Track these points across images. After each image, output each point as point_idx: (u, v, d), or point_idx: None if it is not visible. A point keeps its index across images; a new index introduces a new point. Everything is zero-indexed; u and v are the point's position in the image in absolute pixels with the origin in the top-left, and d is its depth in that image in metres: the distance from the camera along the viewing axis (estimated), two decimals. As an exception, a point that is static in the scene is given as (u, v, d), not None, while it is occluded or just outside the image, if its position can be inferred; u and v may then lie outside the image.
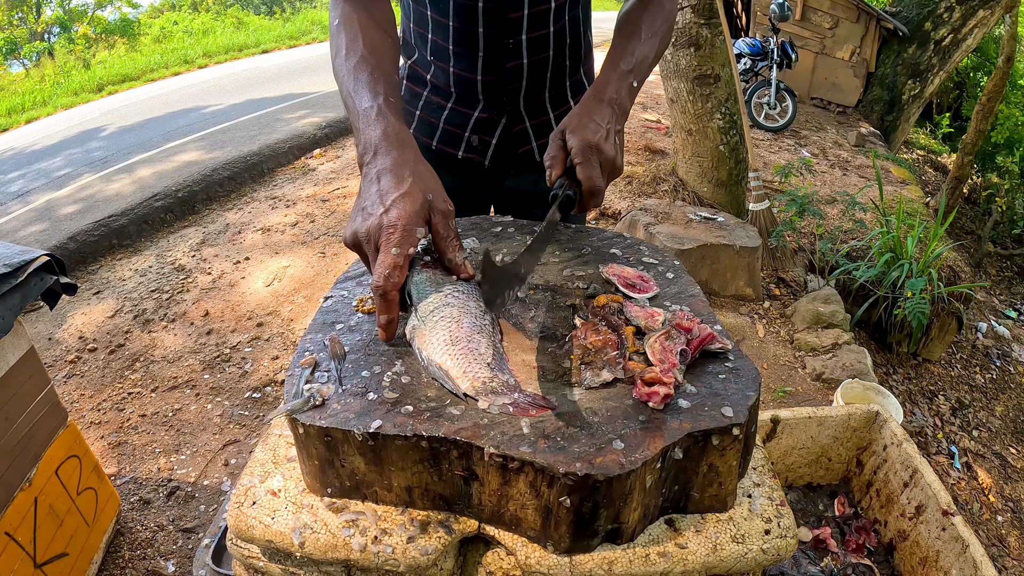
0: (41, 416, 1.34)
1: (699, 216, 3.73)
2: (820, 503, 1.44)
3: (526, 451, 0.54)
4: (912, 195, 5.92)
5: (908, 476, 1.16)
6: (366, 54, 0.82)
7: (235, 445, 2.28)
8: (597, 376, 0.61)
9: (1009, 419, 3.76)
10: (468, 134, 1.16)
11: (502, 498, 0.59)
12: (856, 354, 3.00)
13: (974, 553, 0.95)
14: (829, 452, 1.43)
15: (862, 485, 1.40)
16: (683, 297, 0.79)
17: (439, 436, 0.55)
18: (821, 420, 1.36)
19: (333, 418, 0.58)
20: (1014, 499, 3.07)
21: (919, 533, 1.13)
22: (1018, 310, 5.09)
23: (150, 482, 2.02)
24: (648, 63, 0.95)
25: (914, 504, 1.14)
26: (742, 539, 0.65)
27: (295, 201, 4.31)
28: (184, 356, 2.74)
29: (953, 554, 1.00)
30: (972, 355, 4.30)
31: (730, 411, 0.60)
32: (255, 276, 3.40)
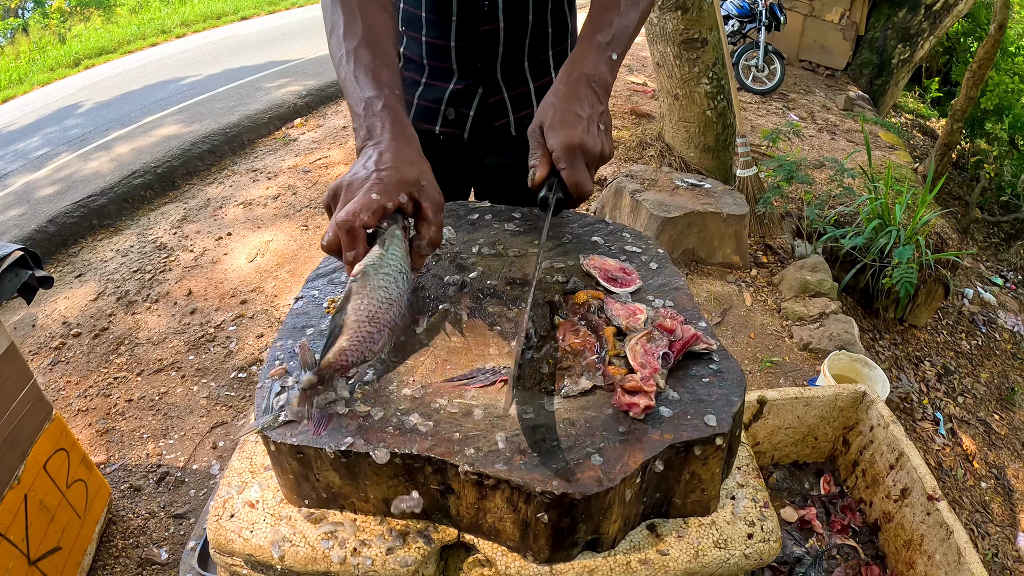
0: (25, 412, 1.32)
1: (686, 182, 3.69)
2: (806, 481, 1.46)
3: (501, 469, 0.52)
4: (900, 160, 5.91)
5: (894, 459, 1.17)
6: (366, 36, 0.78)
7: (222, 427, 2.27)
8: (576, 384, 0.59)
9: (994, 386, 3.82)
10: (444, 107, 1.12)
11: (480, 511, 0.58)
12: (843, 324, 3.01)
13: (958, 540, 0.96)
14: (816, 431, 1.44)
15: (848, 464, 1.41)
16: (667, 290, 0.77)
17: (412, 453, 0.54)
18: (808, 400, 1.36)
19: (304, 435, 0.56)
20: (997, 465, 3.13)
21: (904, 516, 1.14)
22: (1004, 277, 5.12)
23: (140, 468, 2.01)
24: (629, 34, 0.89)
25: (899, 487, 1.15)
26: (724, 544, 0.65)
27: (276, 173, 4.23)
28: (168, 337, 2.71)
29: (937, 539, 1.01)
30: (958, 321, 4.33)
31: (713, 420, 0.58)
32: (237, 252, 3.35)
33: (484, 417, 0.57)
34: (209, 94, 5.60)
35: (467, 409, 0.57)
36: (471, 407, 0.58)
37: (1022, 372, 4.10)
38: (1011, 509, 2.91)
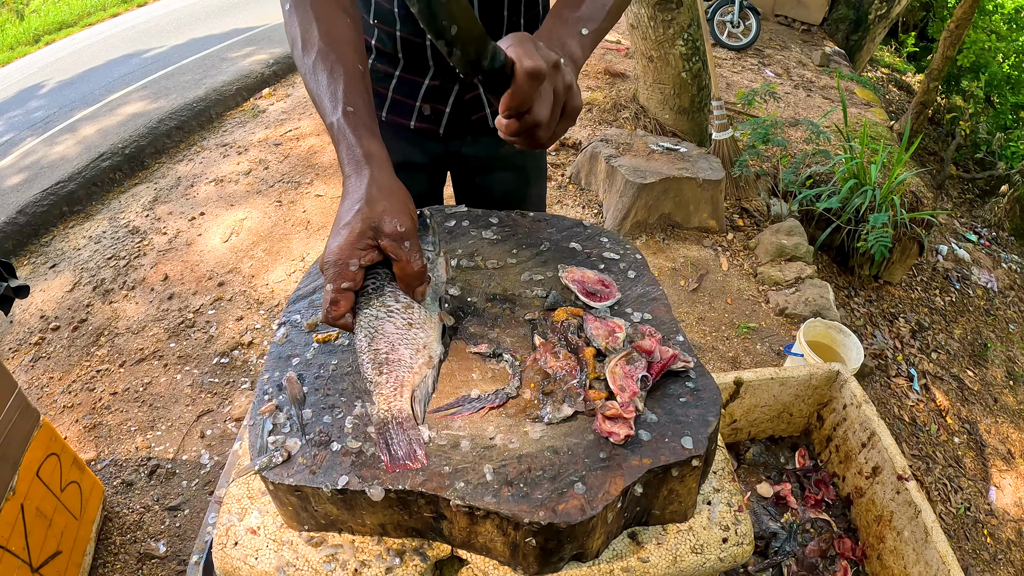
0: (14, 422, 1.31)
1: (661, 146, 3.69)
2: (782, 455, 1.52)
3: (490, 501, 0.55)
4: (876, 117, 5.93)
5: (866, 437, 1.22)
6: (323, 47, 0.76)
7: (209, 415, 2.29)
8: (558, 411, 0.62)
9: (967, 342, 3.91)
10: (419, 103, 1.10)
11: (471, 533, 0.60)
12: (818, 289, 3.08)
13: (925, 519, 1.01)
14: (791, 408, 1.49)
15: (822, 439, 1.47)
16: (645, 301, 0.79)
17: (404, 490, 0.56)
18: (783, 380, 1.40)
19: (300, 475, 0.58)
20: (970, 421, 3.24)
21: (875, 492, 1.19)
22: (978, 233, 5.20)
23: (130, 463, 2.03)
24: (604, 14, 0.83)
25: (871, 464, 1.20)
26: (701, 549, 0.69)
27: (246, 147, 4.14)
28: (148, 325, 2.69)
29: (906, 517, 1.06)
30: (932, 278, 4.41)
31: (690, 442, 0.61)
32: (212, 232, 3.31)
33: (471, 448, 0.59)
34: (174, 67, 5.40)
35: (455, 441, 0.59)
36: (459, 438, 0.60)
37: (995, 328, 4.20)
38: (983, 464, 3.04)
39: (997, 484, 2.96)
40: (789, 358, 2.55)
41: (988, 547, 2.63)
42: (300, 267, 3.10)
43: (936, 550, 1.00)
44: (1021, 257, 5.19)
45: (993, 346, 3.93)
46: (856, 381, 1.36)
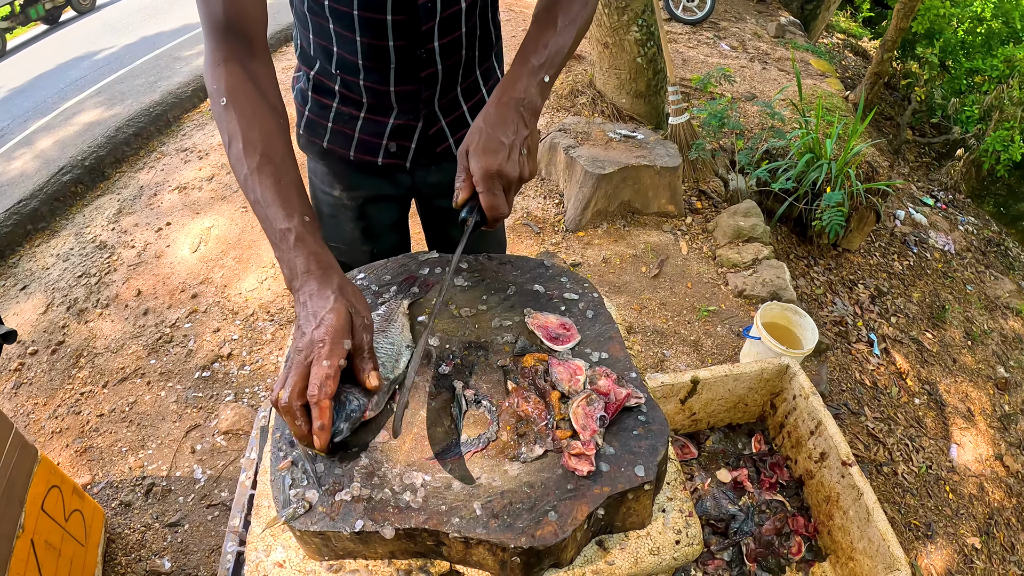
0: (15, 461, 1.38)
1: (619, 134, 3.77)
2: (739, 442, 1.67)
3: (481, 532, 0.66)
4: (832, 88, 6.06)
5: (814, 426, 1.36)
6: (266, 150, 0.79)
7: (197, 430, 2.35)
8: (531, 452, 0.73)
9: (925, 305, 4.05)
10: (385, 141, 1.16)
11: (467, 555, 0.72)
12: (775, 269, 3.23)
13: (867, 500, 1.16)
14: (746, 399, 1.64)
15: (776, 425, 1.62)
16: (602, 340, 0.90)
17: (410, 528, 0.67)
18: (737, 376, 1.54)
19: (322, 522, 0.68)
20: (930, 382, 3.41)
21: (823, 475, 1.34)
22: (935, 197, 5.35)
23: (125, 483, 2.10)
24: (564, 54, 0.94)
25: (819, 450, 1.35)
26: (657, 551, 0.81)
27: (207, 151, 4.12)
28: (126, 343, 2.73)
29: (850, 499, 1.21)
30: (890, 243, 4.54)
31: (642, 471, 0.73)
32: (180, 242, 3.32)
33: (461, 488, 0.70)
34: (126, 69, 5.30)
35: (447, 482, 0.71)
36: (450, 480, 0.71)
37: (953, 290, 4.35)
38: (943, 423, 3.22)
39: (958, 442, 3.14)
40: (747, 341, 2.70)
41: (951, 503, 2.82)
42: (271, 274, 3.14)
43: (877, 528, 1.16)
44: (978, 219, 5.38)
45: (951, 308, 4.06)
46: (804, 374, 1.51)
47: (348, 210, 1.27)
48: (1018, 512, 2.97)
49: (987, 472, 3.06)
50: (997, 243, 5.10)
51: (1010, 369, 3.79)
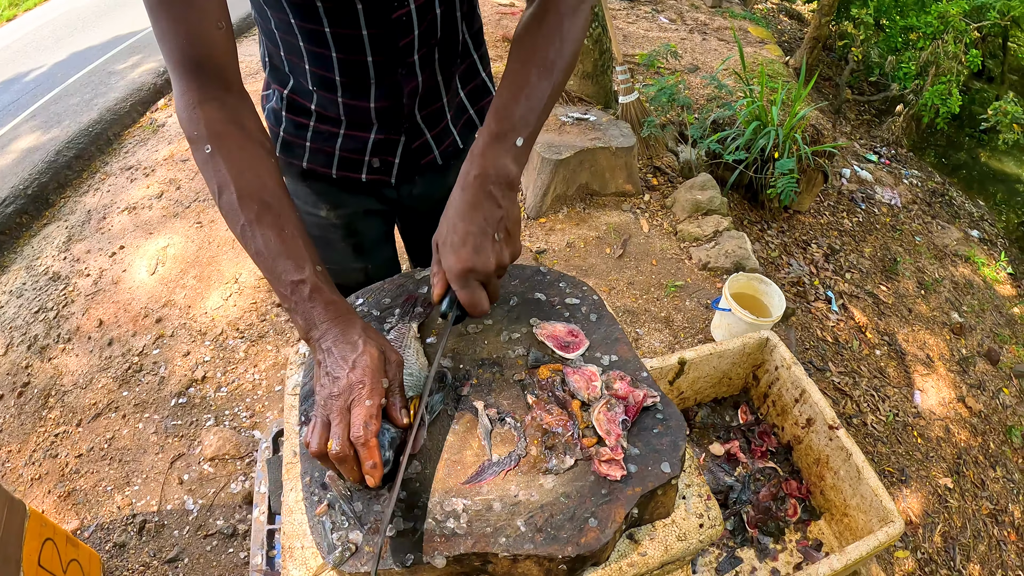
0: (4, 520, 1.33)
1: (571, 117, 3.80)
2: (726, 415, 1.74)
3: (529, 548, 0.69)
4: (772, 55, 6.20)
5: (798, 394, 1.43)
6: (263, 198, 0.75)
7: (182, 459, 2.30)
8: (562, 462, 0.76)
9: (877, 259, 4.21)
10: (368, 157, 1.13)
11: (512, 570, 0.74)
12: (736, 240, 3.33)
13: (856, 460, 1.23)
14: (730, 373, 1.70)
15: (760, 395, 1.69)
16: (609, 343, 0.93)
17: (461, 553, 0.69)
18: (720, 353, 1.60)
19: (371, 562, 0.68)
20: (889, 333, 3.56)
21: (811, 440, 1.41)
22: (878, 153, 5.54)
23: (116, 524, 2.04)
24: (539, 109, 0.82)
25: (805, 417, 1.42)
26: (684, 536, 0.85)
27: (153, 167, 3.97)
28: (95, 377, 2.64)
29: (840, 459, 1.28)
30: (839, 201, 4.69)
31: (667, 467, 0.76)
32: (136, 266, 3.21)
33: (502, 508, 0.72)
34: (60, 88, 5.03)
35: (487, 504, 0.72)
36: (490, 501, 0.73)
37: (903, 242, 4.53)
38: (905, 371, 3.38)
39: (921, 388, 3.30)
40: (717, 313, 2.78)
41: (920, 447, 2.98)
42: (235, 290, 3.07)
43: (868, 485, 1.23)
44: (921, 172, 5.60)
45: (902, 260, 4.23)
46: (784, 346, 1.58)
47: (337, 229, 1.25)
48: (984, 450, 3.16)
49: (951, 414, 3.24)
50: (941, 194, 5.33)
51: (963, 314, 3.99)
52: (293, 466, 0.90)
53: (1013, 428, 3.30)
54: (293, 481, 0.88)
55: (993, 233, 5.21)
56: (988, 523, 2.86)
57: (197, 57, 0.78)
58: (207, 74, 0.79)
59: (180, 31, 0.76)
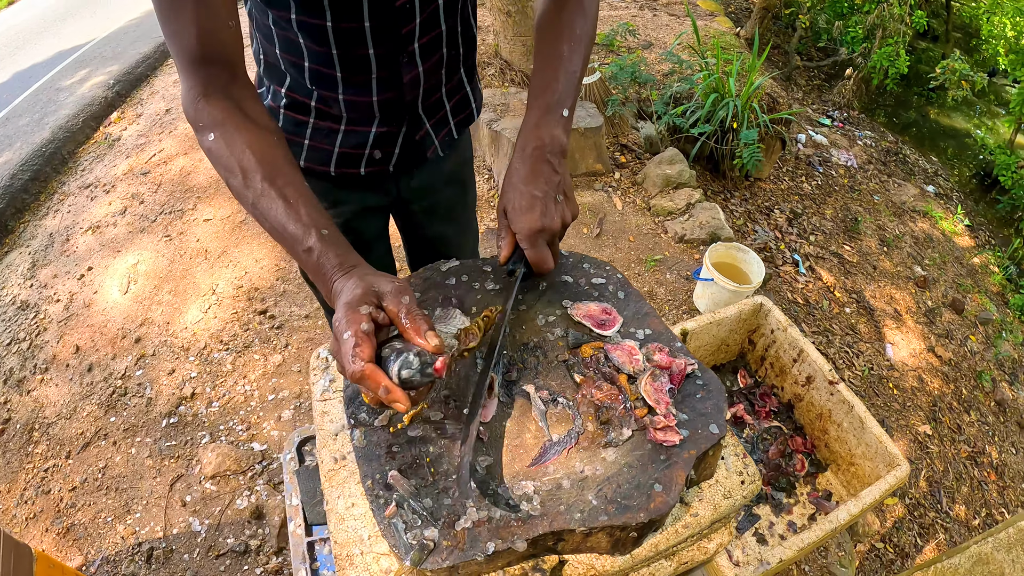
0: (12, 567, 1.28)
1: (537, 102, 3.81)
2: (727, 380, 1.79)
3: (604, 519, 0.71)
4: (723, 27, 6.29)
5: (796, 354, 1.48)
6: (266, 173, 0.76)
7: (181, 481, 2.26)
8: (620, 435, 0.78)
9: (839, 219, 4.34)
10: (369, 151, 1.12)
11: (582, 544, 0.76)
12: (710, 211, 3.40)
13: (859, 411, 1.29)
14: (727, 340, 1.75)
15: (757, 359, 1.75)
16: (640, 317, 0.95)
17: (541, 534, 0.70)
18: (719, 321, 1.65)
19: (452, 556, 0.68)
20: (856, 290, 3.67)
21: (812, 396, 1.47)
22: (831, 117, 5.70)
23: (122, 555, 1.99)
24: (576, 80, 0.93)
25: (804, 375, 1.47)
26: (729, 494, 0.89)
27: (113, 183, 3.84)
28: (78, 406, 2.55)
29: (842, 412, 1.34)
30: (797, 167, 4.80)
31: (715, 428, 0.80)
32: (107, 286, 3.11)
33: (571, 485, 0.74)
34: (7, 110, 4.80)
35: (556, 483, 0.74)
36: (558, 480, 0.74)
37: (862, 202, 4.66)
38: (875, 326, 3.50)
39: (892, 341, 3.43)
40: (699, 283, 2.85)
41: (897, 398, 3.11)
42: (213, 301, 3.01)
43: (872, 434, 1.29)
44: (874, 132, 5.77)
45: (863, 219, 4.36)
46: (778, 309, 1.63)
47: (341, 223, 1.24)
48: (957, 396, 3.32)
49: (923, 364, 3.38)
50: (895, 152, 5.52)
51: (926, 267, 4.15)
52: (336, 473, 0.89)
53: (983, 373, 3.47)
54: (339, 488, 0.87)
55: (948, 187, 5.43)
56: (968, 465, 3.01)
57: (207, 56, 0.79)
58: (215, 70, 0.80)
59: (191, 32, 0.77)
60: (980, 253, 4.57)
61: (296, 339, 2.80)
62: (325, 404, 1.02)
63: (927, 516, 2.76)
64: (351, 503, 0.85)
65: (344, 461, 0.91)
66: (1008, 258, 4.66)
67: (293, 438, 1.45)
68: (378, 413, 0.83)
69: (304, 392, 2.60)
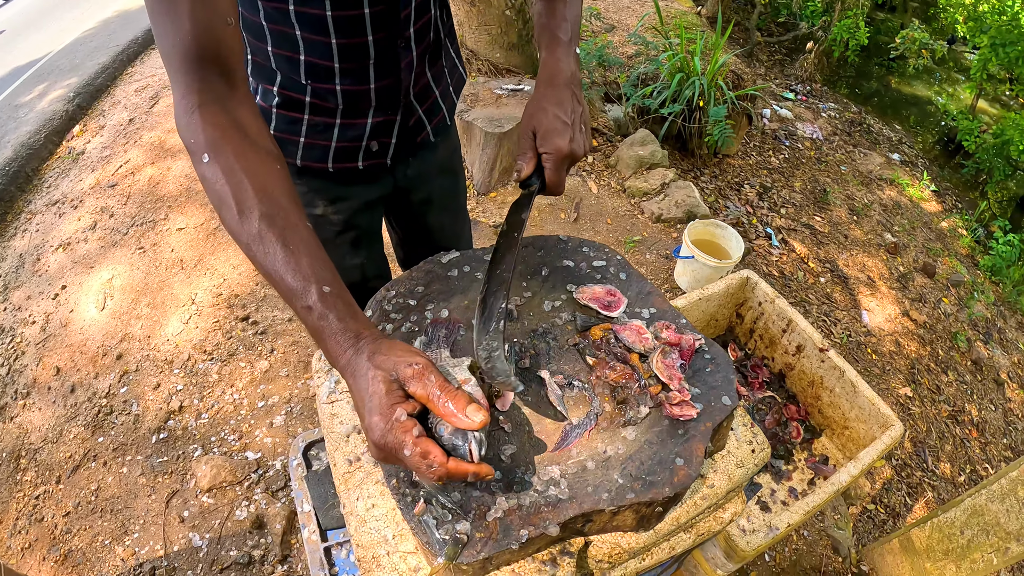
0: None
1: (506, 89, 3.80)
2: (721, 354, 1.82)
3: (632, 497, 0.72)
4: (683, 6, 6.32)
5: (784, 325, 1.51)
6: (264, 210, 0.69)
7: (177, 496, 2.22)
8: (638, 413, 0.79)
9: (808, 191, 4.40)
10: (366, 143, 1.11)
11: (609, 523, 0.77)
12: (684, 190, 3.43)
13: (850, 376, 1.33)
14: (716, 315, 1.78)
15: (745, 331, 1.78)
16: (643, 297, 0.97)
17: (572, 517, 0.71)
18: (708, 297, 1.67)
19: (487, 547, 0.68)
20: (829, 260, 3.74)
21: (803, 365, 1.50)
22: (794, 90, 5.77)
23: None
24: (579, 21, 1.00)
25: (794, 344, 1.50)
26: (742, 463, 0.91)
27: (80, 198, 3.73)
28: (64, 428, 2.49)
29: (834, 378, 1.37)
30: (764, 141, 4.85)
31: (727, 400, 0.82)
32: (83, 304, 3.03)
33: (596, 466, 0.75)
34: None
35: (581, 465, 0.75)
36: (583, 462, 0.76)
37: (829, 173, 4.71)
38: (850, 294, 3.56)
39: (867, 308, 3.50)
40: (680, 261, 2.88)
41: (876, 363, 3.18)
42: (193, 311, 2.95)
43: (864, 396, 1.32)
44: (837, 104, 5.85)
45: (831, 189, 4.42)
46: (764, 282, 1.67)
47: (334, 226, 1.23)
48: (935, 357, 3.41)
49: (899, 329, 3.47)
50: (859, 123, 5.62)
51: (896, 234, 4.25)
52: (351, 475, 0.89)
53: (957, 334, 3.57)
54: (356, 490, 0.86)
55: (913, 155, 5.55)
56: (950, 424, 3.11)
57: (202, 55, 0.72)
58: (211, 74, 0.72)
59: (185, 27, 0.70)
60: (948, 217, 4.68)
61: (281, 343, 2.77)
62: (333, 406, 1.02)
63: (914, 476, 2.84)
64: (371, 504, 0.85)
65: (359, 463, 0.91)
66: (975, 220, 4.79)
67: (298, 443, 1.43)
68: None
69: (295, 396, 2.57)
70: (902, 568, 1.79)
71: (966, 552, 1.53)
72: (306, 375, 2.68)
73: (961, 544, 1.55)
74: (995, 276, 4.22)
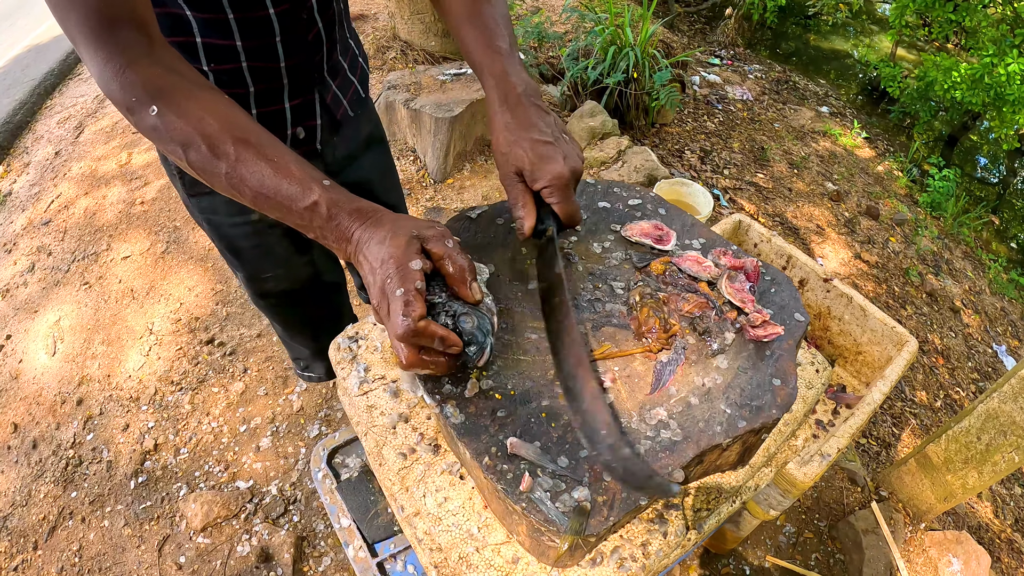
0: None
1: (448, 75, 3.74)
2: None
3: (744, 425, 0.68)
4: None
5: (785, 262, 1.51)
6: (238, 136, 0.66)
7: (170, 542, 2.05)
8: (724, 340, 0.75)
9: (747, 151, 4.52)
10: (291, 130, 1.03)
11: (713, 463, 0.73)
12: (642, 155, 3.44)
13: (858, 301, 1.33)
14: (718, 262, 1.76)
15: (748, 274, 1.77)
16: (688, 228, 0.93)
17: (693, 456, 0.66)
18: (709, 243, 1.65)
19: (616, 511, 0.62)
20: (778, 214, 3.85)
21: (808, 298, 1.51)
22: (719, 56, 5.91)
23: (130, 633, 1.79)
24: (508, 18, 0.89)
25: (796, 279, 1.50)
26: (811, 384, 0.91)
27: (13, 241, 3.44)
28: (32, 488, 2.27)
29: (842, 306, 1.38)
30: (697, 107, 4.95)
31: (800, 316, 0.79)
32: (32, 351, 2.79)
33: (699, 401, 0.71)
34: None
35: (684, 402, 0.70)
36: (685, 398, 0.71)
37: (764, 132, 4.86)
38: (803, 244, 3.67)
39: (821, 255, 3.62)
40: (654, 225, 2.88)
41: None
42: (152, 341, 2.76)
43: (876, 318, 1.34)
44: (762, 65, 6.03)
45: (769, 147, 4.56)
46: (758, 223, 1.66)
47: (274, 229, 1.14)
48: (892, 294, 3.55)
49: (854, 271, 3.60)
50: (785, 81, 5.82)
51: (836, 182, 4.42)
52: (409, 470, 0.80)
53: (909, 269, 3.73)
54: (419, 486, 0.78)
55: (840, 106, 5.79)
56: (917, 355, 3.24)
57: (114, 14, 0.66)
58: (128, 32, 0.67)
59: None
60: (882, 161, 4.90)
61: (254, 361, 2.62)
62: (367, 397, 0.94)
63: (895, 407, 2.94)
64: (442, 498, 0.76)
65: (415, 454, 0.82)
66: (909, 161, 5.02)
67: (320, 452, 1.31)
68: (465, 382, 0.73)
69: (278, 415, 2.44)
70: (922, 485, 1.83)
71: (986, 456, 1.58)
72: (287, 390, 2.55)
73: (980, 450, 1.59)
74: (935, 211, 4.44)
